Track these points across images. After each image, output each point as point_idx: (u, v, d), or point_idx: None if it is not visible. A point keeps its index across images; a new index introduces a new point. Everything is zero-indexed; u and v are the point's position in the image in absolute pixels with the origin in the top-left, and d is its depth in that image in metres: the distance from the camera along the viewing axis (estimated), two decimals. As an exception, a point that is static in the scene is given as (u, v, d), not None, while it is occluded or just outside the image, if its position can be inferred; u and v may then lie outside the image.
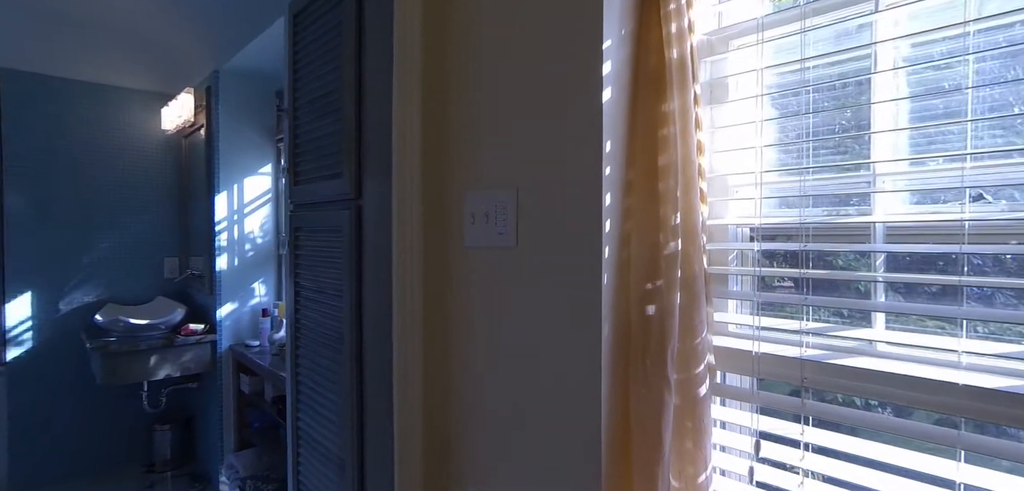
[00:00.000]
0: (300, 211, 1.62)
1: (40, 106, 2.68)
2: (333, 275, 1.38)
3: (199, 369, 2.59)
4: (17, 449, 2.67)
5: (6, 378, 2.63)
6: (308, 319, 1.55)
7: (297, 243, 1.61)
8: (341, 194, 1.32)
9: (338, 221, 1.34)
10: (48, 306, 2.73)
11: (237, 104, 2.59)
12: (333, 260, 1.39)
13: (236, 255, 2.64)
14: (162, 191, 3.06)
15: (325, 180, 1.41)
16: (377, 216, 1.16)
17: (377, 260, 1.16)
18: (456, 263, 1.08)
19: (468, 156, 1.05)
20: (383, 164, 1.11)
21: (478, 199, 1.02)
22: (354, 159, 1.26)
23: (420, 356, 1.12)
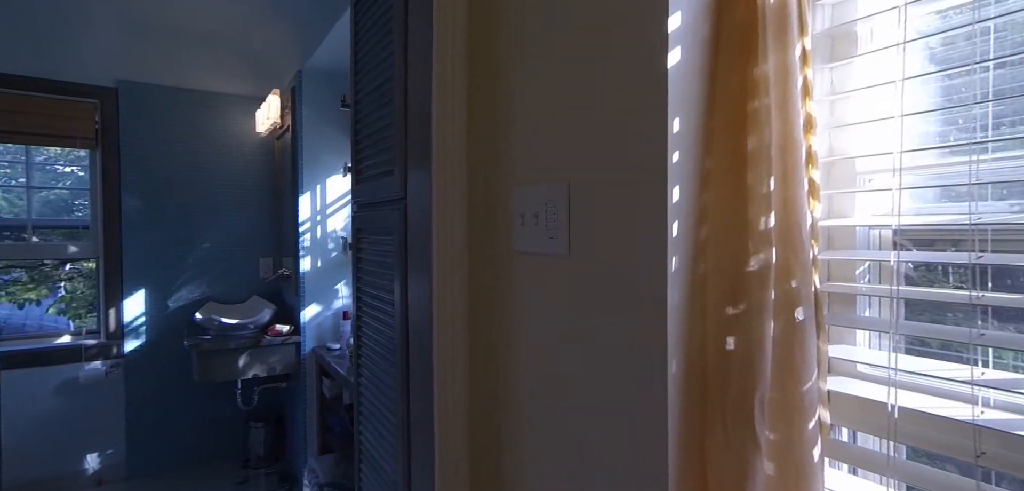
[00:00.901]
0: (362, 211, 1.65)
1: (151, 114, 3.08)
2: (387, 280, 1.38)
3: (285, 370, 2.80)
4: (133, 436, 3.10)
5: (123, 369, 3.07)
6: (369, 327, 1.56)
7: (359, 246, 1.64)
8: (393, 192, 1.30)
9: (390, 221, 1.33)
10: (158, 303, 3.13)
11: (319, 103, 2.75)
12: (387, 264, 1.38)
13: (319, 256, 2.81)
14: (257, 192, 3.37)
15: (381, 177, 1.41)
16: (420, 216, 1.11)
17: (419, 264, 1.11)
18: (505, 271, 0.99)
19: (518, 143, 0.96)
20: (425, 156, 1.07)
21: (527, 196, 0.92)
22: (402, 154, 1.23)
23: (464, 391, 1.05)
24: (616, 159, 0.75)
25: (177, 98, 3.13)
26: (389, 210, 1.35)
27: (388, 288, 1.36)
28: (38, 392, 2.91)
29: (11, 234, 3.13)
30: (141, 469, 3.12)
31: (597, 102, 0.78)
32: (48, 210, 3.31)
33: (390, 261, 1.34)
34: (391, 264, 1.34)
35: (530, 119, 0.93)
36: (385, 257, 1.39)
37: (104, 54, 2.95)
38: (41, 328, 3.20)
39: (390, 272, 1.35)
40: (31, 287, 4.10)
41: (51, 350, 2.95)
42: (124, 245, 3.03)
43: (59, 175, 3.20)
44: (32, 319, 3.72)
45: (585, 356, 0.80)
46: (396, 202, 1.30)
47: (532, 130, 0.92)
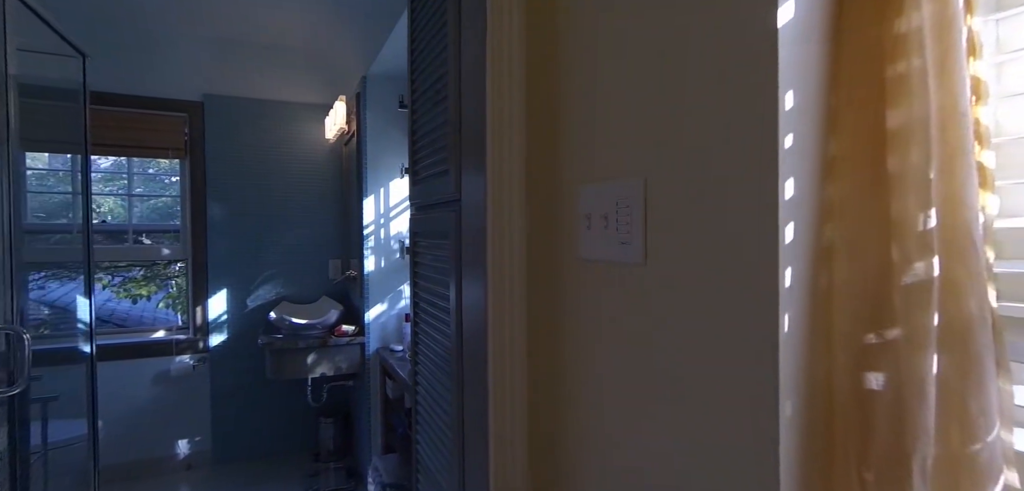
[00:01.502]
0: (419, 213, 1.55)
1: (232, 125, 3.17)
2: (442, 288, 1.27)
3: (351, 370, 2.78)
4: (217, 425, 3.20)
5: (209, 363, 3.17)
6: (425, 335, 1.47)
7: (416, 249, 1.55)
8: (447, 194, 1.19)
9: (445, 225, 1.22)
10: (239, 302, 3.22)
11: (382, 107, 2.72)
12: (442, 270, 1.27)
13: (383, 257, 2.78)
14: (327, 196, 3.40)
15: (436, 178, 1.30)
16: (474, 219, 0.99)
17: (474, 273, 0.99)
18: (569, 281, 0.85)
19: (584, 133, 0.81)
20: (478, 153, 0.94)
21: (594, 195, 0.78)
22: (456, 152, 1.11)
23: (522, 419, 0.92)
24: (708, 147, 0.58)
25: (255, 109, 3.21)
26: (444, 212, 1.24)
27: (443, 296, 1.25)
28: (137, 382, 3.06)
29: (123, 237, 3.33)
30: (225, 456, 3.22)
31: (684, 76, 0.62)
32: (156, 216, 3.52)
33: (445, 267, 1.23)
34: (446, 270, 1.23)
35: (598, 104, 0.78)
36: (440, 262, 1.28)
37: (192, 70, 3.07)
38: (154, 321, 3.40)
39: (445, 278, 1.24)
40: (143, 284, 4.38)
41: (147, 344, 3.10)
42: (209, 247, 3.13)
43: (167, 185, 3.36)
44: (147, 312, 3.98)
45: (666, 391, 0.65)
46: (450, 204, 1.19)
47: (601, 117, 0.77)
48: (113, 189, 3.58)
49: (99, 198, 3.83)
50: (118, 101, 2.97)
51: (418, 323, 1.54)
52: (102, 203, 4.04)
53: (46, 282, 4.44)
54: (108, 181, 3.62)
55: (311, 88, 3.30)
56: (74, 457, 2.65)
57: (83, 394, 2.89)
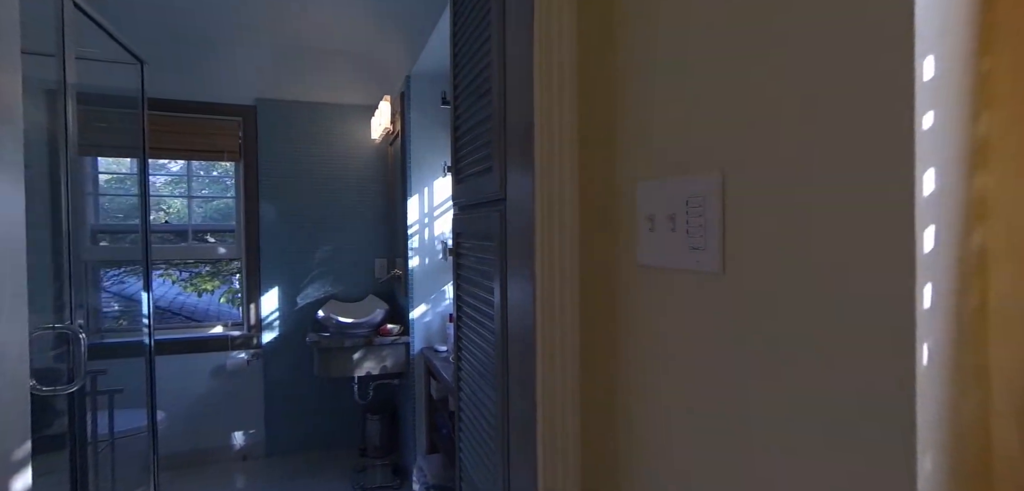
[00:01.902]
0: (462, 213, 1.48)
1: (283, 128, 3.21)
2: (486, 293, 1.18)
3: (396, 369, 2.75)
4: (270, 419, 3.25)
5: (262, 359, 3.23)
6: (469, 341, 1.39)
7: (459, 251, 1.47)
8: (491, 192, 1.10)
9: (489, 226, 1.13)
10: (289, 300, 3.26)
11: (425, 106, 2.67)
12: (486, 274, 1.19)
13: (427, 257, 2.73)
14: (373, 196, 3.39)
15: (480, 176, 1.22)
16: (521, 220, 0.89)
17: (521, 278, 0.89)
18: (627, 291, 0.74)
19: (643, 122, 0.71)
20: (525, 147, 0.85)
21: (658, 193, 0.67)
22: (500, 147, 1.02)
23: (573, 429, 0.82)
24: (812, 131, 0.47)
25: (304, 112, 3.24)
26: (488, 212, 1.15)
27: (487, 302, 1.16)
28: (196, 375, 3.15)
29: (186, 237, 3.44)
30: (277, 448, 3.28)
31: (777, 42, 0.50)
32: (219, 216, 3.63)
33: (489, 270, 1.15)
34: (490, 273, 1.14)
35: (662, 83, 0.67)
36: (484, 264, 1.19)
37: (246, 76, 3.12)
38: (219, 315, 3.51)
39: (489, 282, 1.16)
40: (208, 280, 4.56)
41: (206, 339, 3.18)
42: (261, 247, 3.19)
43: (228, 187, 3.44)
44: (211, 306, 4.14)
45: (754, 434, 0.53)
46: (495, 203, 1.10)
47: (665, 98, 0.66)
48: (183, 191, 3.70)
49: (169, 200, 3.99)
50: (177, 107, 3.05)
51: (461, 326, 1.46)
52: (171, 205, 4.22)
53: (125, 277, 4.72)
54: (178, 183, 3.74)
55: (358, 89, 3.30)
56: (140, 444, 2.75)
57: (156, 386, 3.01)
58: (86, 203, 3.01)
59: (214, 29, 2.92)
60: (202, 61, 3.04)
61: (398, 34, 2.61)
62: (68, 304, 1.26)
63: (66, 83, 1.32)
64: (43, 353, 1.34)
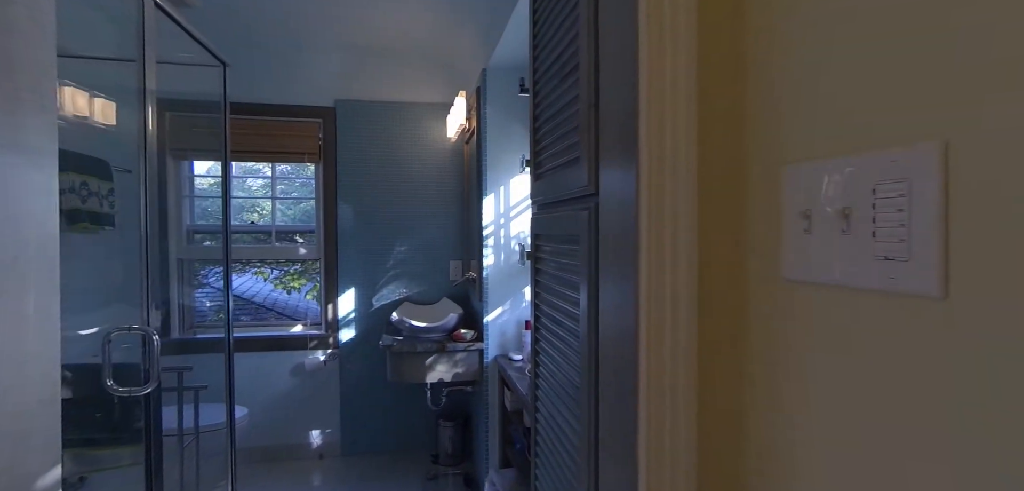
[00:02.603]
0: (542, 213, 1.34)
1: (360, 128, 3.26)
2: (570, 305, 1.04)
3: (469, 377, 2.68)
4: (346, 419, 3.31)
5: (338, 360, 3.29)
6: (547, 356, 1.25)
7: (538, 254, 1.34)
8: (578, 187, 0.96)
9: (574, 225, 0.98)
10: (365, 301, 3.29)
11: (503, 101, 2.57)
12: (570, 280, 1.04)
13: (502, 259, 2.63)
14: (448, 197, 3.36)
15: (564, 169, 1.08)
16: (617, 217, 0.74)
17: (618, 293, 0.74)
18: (761, 313, 0.57)
19: (793, 76, 0.53)
20: (626, 129, 0.69)
21: (815, 178, 0.49)
22: (590, 133, 0.87)
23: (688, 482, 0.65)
24: None
25: (381, 112, 3.26)
26: (573, 211, 1.01)
27: (571, 315, 1.02)
28: (277, 372, 3.26)
29: (276, 237, 3.60)
30: (352, 448, 3.33)
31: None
32: (308, 218, 3.78)
33: (574, 278, 1.00)
34: (575, 282, 1.00)
35: (826, 24, 0.49)
36: (567, 271, 1.05)
37: (326, 77, 3.20)
38: (307, 312, 3.66)
39: (573, 292, 1.01)
40: (296, 278, 4.80)
41: (286, 338, 3.29)
42: (339, 247, 3.25)
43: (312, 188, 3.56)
44: (301, 303, 4.35)
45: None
46: (583, 200, 0.96)
47: (835, 31, 0.48)
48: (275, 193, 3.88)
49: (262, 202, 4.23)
50: (261, 110, 3.18)
51: (539, 339, 1.33)
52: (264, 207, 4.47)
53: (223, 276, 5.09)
54: (277, 185, 3.92)
55: (434, 87, 3.28)
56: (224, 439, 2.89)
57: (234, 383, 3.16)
58: (182, 204, 3.22)
59: (296, 33, 3.01)
60: (285, 64, 3.15)
61: (474, 25, 2.53)
62: (144, 305, 1.27)
63: (145, 87, 1.33)
64: (129, 351, 1.35)
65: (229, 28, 2.90)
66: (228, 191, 2.01)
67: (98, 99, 2.60)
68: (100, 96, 2.61)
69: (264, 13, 2.81)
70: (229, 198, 2.01)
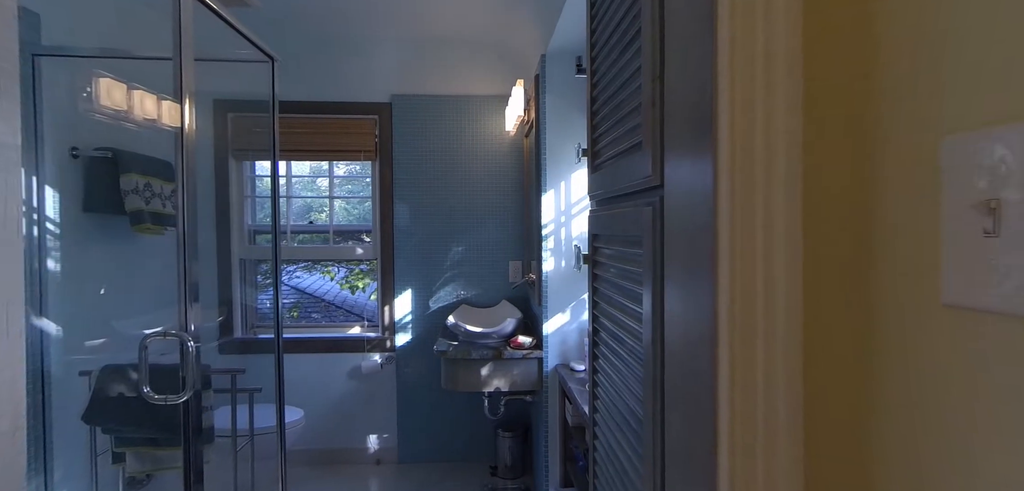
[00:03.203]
0: (600, 209, 1.20)
1: (416, 124, 3.23)
2: (630, 318, 0.89)
3: (528, 387, 2.56)
4: (403, 425, 3.30)
5: (395, 363, 3.28)
6: (606, 376, 1.11)
7: (596, 258, 1.20)
8: (640, 177, 0.81)
9: (636, 223, 0.84)
10: (421, 304, 3.26)
11: (562, 89, 2.43)
12: (629, 289, 0.90)
13: (563, 260, 2.50)
14: (507, 194, 3.26)
15: (624, 157, 0.94)
16: (688, 214, 0.59)
17: (688, 299, 0.59)
18: (908, 358, 0.40)
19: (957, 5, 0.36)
20: (698, 106, 0.54)
21: (1018, 147, 0.32)
22: (655, 111, 0.73)
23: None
24: None
25: (438, 106, 3.22)
26: (635, 206, 0.86)
27: (632, 330, 0.87)
28: (335, 375, 3.31)
29: (335, 237, 3.68)
30: (409, 455, 3.31)
31: None
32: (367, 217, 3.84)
33: (634, 286, 0.86)
34: (635, 291, 0.85)
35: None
36: (628, 277, 0.91)
37: (382, 72, 3.20)
38: (375, 311, 3.72)
39: (634, 302, 0.87)
40: (361, 277, 4.92)
41: (343, 339, 3.33)
42: (396, 247, 3.24)
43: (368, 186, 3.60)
44: (362, 300, 4.45)
45: None
46: (645, 193, 0.81)
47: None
48: (338, 193, 3.97)
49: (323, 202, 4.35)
50: (316, 108, 3.23)
51: (597, 353, 1.19)
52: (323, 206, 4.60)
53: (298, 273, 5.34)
54: (339, 184, 4.02)
55: (492, 78, 3.19)
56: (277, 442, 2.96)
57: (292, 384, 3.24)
58: (244, 205, 3.33)
59: (350, 28, 3.03)
60: (340, 61, 3.18)
61: (532, 7, 2.41)
62: (181, 309, 1.25)
63: (183, 86, 1.32)
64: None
65: (284, 26, 2.96)
66: (277, 190, 2.01)
67: (165, 102, 2.73)
68: (168, 98, 2.73)
69: (320, 9, 2.84)
70: (278, 197, 2.01)
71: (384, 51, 3.18)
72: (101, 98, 2.44)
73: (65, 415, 2.12)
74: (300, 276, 5.33)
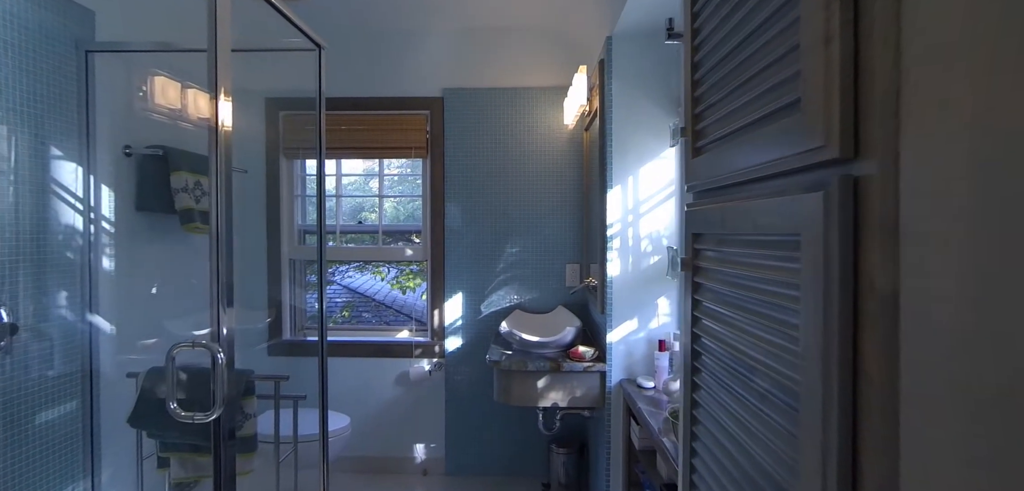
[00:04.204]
0: (702, 203, 0.97)
1: (469, 118, 3.06)
2: (762, 343, 0.66)
3: (588, 403, 2.34)
4: (451, 435, 3.13)
5: (444, 371, 3.12)
6: (713, 414, 0.88)
7: (698, 265, 0.97)
8: (794, 153, 0.58)
9: (789, 217, 0.61)
10: (473, 308, 3.09)
11: (632, 73, 2.19)
12: (761, 306, 0.67)
13: (630, 264, 2.26)
14: (565, 192, 3.05)
15: (755, 130, 0.71)
16: (930, 206, 0.36)
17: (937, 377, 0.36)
18: None
19: None
20: None
21: None
22: (840, 52, 0.50)
23: None
24: None
25: (492, 99, 3.04)
26: (784, 192, 0.63)
27: (771, 367, 0.64)
28: (381, 380, 3.19)
29: (385, 237, 3.58)
30: (457, 467, 3.15)
31: None
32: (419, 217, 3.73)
33: (776, 306, 0.63)
34: (779, 313, 0.62)
35: None
36: (761, 291, 0.67)
37: (433, 65, 3.05)
38: (424, 312, 3.61)
39: (775, 326, 0.64)
40: (412, 278, 4.83)
41: (391, 344, 3.20)
42: (447, 248, 3.08)
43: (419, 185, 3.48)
44: (412, 300, 4.35)
45: None
46: (807, 173, 0.58)
47: None
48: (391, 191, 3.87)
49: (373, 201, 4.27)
50: (366, 104, 3.11)
51: (698, 385, 0.96)
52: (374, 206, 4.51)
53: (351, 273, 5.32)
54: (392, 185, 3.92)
55: (550, 68, 2.99)
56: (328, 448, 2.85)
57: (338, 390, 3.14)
58: (294, 204, 3.26)
59: (400, 20, 2.90)
60: (390, 54, 3.05)
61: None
62: (214, 317, 1.10)
63: (218, 77, 1.19)
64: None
65: (333, 19, 2.86)
66: (322, 187, 1.88)
67: (216, 98, 2.67)
68: (218, 95, 2.67)
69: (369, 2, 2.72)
70: (324, 195, 1.88)
71: (435, 43, 3.03)
72: (156, 96, 2.39)
73: (115, 416, 2.07)
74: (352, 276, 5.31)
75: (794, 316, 0.60)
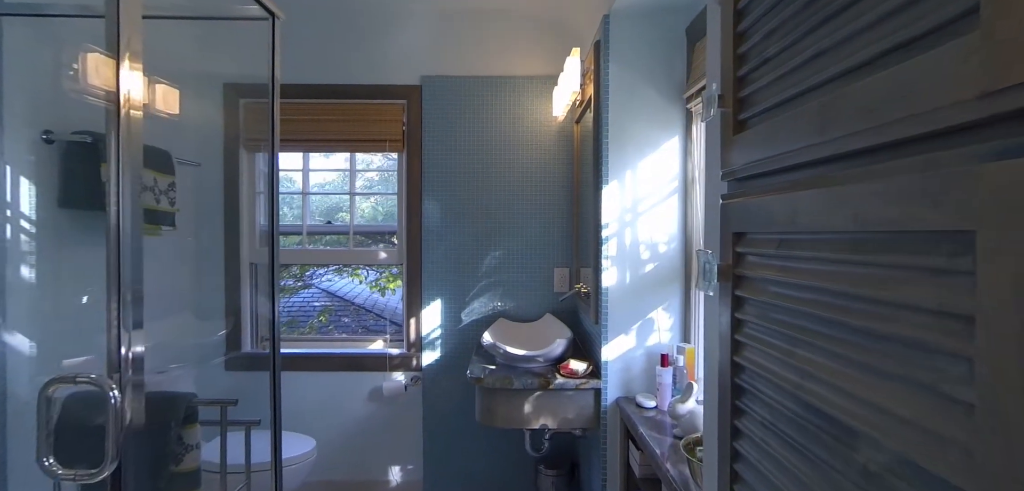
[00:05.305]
0: (746, 193, 0.75)
1: (449, 109, 2.82)
2: (893, 410, 0.44)
3: (581, 424, 2.11)
4: (429, 456, 2.88)
5: (421, 385, 2.87)
6: (761, 469, 0.66)
7: (739, 272, 0.75)
8: (962, 103, 0.36)
9: (945, 205, 0.39)
10: (452, 317, 2.85)
11: (631, 55, 1.98)
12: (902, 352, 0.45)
13: (628, 269, 2.04)
14: (554, 190, 2.82)
15: (861, 74, 0.49)
16: None
17: None
18: None
19: None
20: None
21: None
22: None
23: None
24: None
25: (474, 88, 2.81)
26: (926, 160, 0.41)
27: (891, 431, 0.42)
28: (352, 396, 2.92)
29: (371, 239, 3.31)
30: (437, 487, 2.89)
31: None
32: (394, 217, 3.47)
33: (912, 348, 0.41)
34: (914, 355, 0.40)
35: None
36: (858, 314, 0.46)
37: (411, 50, 2.81)
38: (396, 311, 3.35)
39: (915, 375, 0.42)
40: (392, 279, 4.56)
41: (363, 357, 2.94)
42: (424, 251, 2.83)
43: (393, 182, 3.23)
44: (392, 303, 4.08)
45: None
46: (987, 130, 0.36)
47: None
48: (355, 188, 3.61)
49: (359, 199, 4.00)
50: (337, 92, 2.86)
51: (740, 431, 0.73)
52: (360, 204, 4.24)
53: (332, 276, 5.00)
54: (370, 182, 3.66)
55: (538, 55, 2.77)
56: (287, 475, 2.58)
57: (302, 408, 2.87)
58: (256, 202, 2.99)
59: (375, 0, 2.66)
60: (363, 38, 2.80)
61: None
62: (108, 341, 0.85)
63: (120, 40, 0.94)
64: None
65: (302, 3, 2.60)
66: (276, 183, 1.63)
67: (160, 85, 2.40)
68: (162, 82, 2.40)
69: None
70: (277, 192, 1.63)
71: (413, 26, 2.79)
72: (90, 76, 2.11)
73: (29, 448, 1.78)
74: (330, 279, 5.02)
75: (951, 360, 0.38)
